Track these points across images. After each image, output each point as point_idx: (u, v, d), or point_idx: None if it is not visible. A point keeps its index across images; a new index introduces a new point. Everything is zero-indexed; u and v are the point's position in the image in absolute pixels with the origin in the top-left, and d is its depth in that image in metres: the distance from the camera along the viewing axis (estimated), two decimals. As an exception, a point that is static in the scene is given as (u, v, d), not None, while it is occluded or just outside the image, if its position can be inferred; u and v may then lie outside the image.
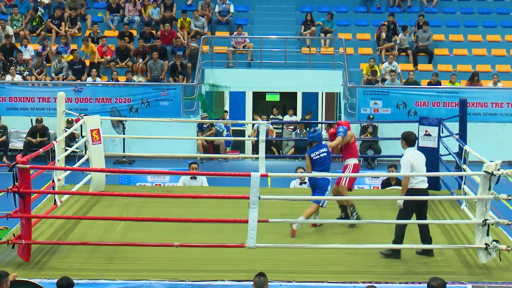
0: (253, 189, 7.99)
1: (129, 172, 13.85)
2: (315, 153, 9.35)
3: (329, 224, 9.39)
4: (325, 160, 9.34)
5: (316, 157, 9.32)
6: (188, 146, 17.63)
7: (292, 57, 20.21)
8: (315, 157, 9.32)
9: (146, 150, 17.19)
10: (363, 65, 19.68)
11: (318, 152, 9.34)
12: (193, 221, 8.88)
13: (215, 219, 8.79)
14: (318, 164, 9.32)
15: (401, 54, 20.37)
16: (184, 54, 19.75)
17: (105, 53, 19.86)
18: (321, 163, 9.32)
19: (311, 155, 9.35)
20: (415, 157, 8.53)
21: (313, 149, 9.38)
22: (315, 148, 9.38)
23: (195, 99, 18.64)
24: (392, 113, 18.19)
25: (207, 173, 10.65)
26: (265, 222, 8.28)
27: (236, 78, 19.76)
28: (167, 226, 9.10)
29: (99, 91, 18.45)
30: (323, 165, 9.33)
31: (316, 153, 9.35)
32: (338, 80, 19.58)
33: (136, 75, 19.36)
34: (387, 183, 12.69)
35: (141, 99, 18.30)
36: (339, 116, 21.10)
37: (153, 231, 9.00)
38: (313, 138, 9.45)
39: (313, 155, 9.34)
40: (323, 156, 9.33)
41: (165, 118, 16.85)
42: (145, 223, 9.07)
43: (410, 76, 19.02)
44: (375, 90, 18.45)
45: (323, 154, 9.34)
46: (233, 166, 17.05)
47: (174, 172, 9.60)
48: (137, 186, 13.41)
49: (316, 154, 9.33)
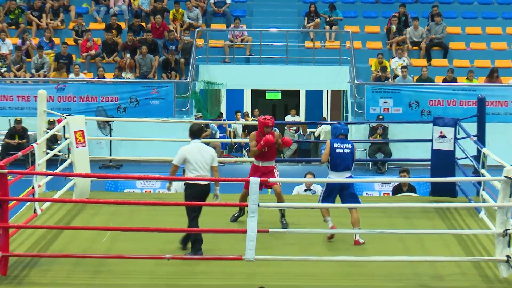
0: (252, 196, 7.97)
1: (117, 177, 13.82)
2: (339, 145, 9.21)
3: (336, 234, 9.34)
4: (347, 157, 9.19)
5: (339, 150, 9.18)
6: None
7: (294, 51, 20.20)
8: (338, 150, 9.17)
9: (135, 153, 17.16)
10: (372, 61, 19.67)
11: (342, 145, 9.20)
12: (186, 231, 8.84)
13: (210, 229, 8.77)
14: (339, 159, 9.16)
15: (414, 48, 20.37)
16: (176, 49, 19.74)
17: (90, 47, 19.84)
18: (342, 160, 9.16)
19: (333, 145, 9.19)
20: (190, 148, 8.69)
21: (337, 141, 9.25)
22: (340, 141, 9.25)
23: (188, 97, 18.63)
24: (403, 112, 18.17)
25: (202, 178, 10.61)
26: (265, 232, 8.25)
27: (233, 74, 19.75)
28: (158, 236, 9.08)
29: (84, 89, 18.42)
30: (344, 163, 9.16)
31: (340, 145, 9.21)
32: (345, 77, 19.56)
33: (124, 72, 19.34)
34: (399, 189, 12.67)
35: (130, 97, 18.28)
36: (346, 116, 21.10)
37: (142, 242, 8.98)
38: (345, 130, 9.32)
39: (336, 145, 9.20)
40: (347, 153, 9.19)
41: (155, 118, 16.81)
42: (133, 233, 9.05)
43: (423, 72, 19.01)
44: (385, 87, 18.44)
45: (347, 150, 9.19)
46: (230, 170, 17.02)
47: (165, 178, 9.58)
48: (125, 192, 13.37)
49: (340, 147, 9.20)
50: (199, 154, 8.74)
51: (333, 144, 9.22)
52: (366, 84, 18.59)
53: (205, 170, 8.74)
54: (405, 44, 20.33)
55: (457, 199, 11.05)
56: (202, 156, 8.74)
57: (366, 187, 13.93)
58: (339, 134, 9.31)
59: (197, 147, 8.79)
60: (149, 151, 16.96)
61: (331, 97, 24.30)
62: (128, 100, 18.27)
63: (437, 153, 10.99)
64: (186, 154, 8.72)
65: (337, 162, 9.18)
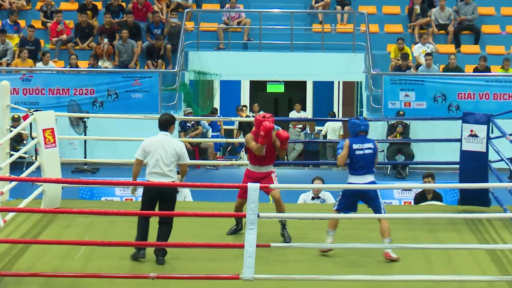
0: (250, 204, 8.00)
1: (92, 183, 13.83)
2: (358, 146, 9.21)
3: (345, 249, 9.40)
4: (368, 159, 9.21)
5: (360, 152, 9.20)
6: (167, 150, 17.68)
7: (300, 36, 20.22)
8: (358, 152, 9.19)
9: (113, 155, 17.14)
10: (391, 47, 19.70)
11: (362, 146, 9.21)
12: (173, 246, 8.87)
13: (202, 244, 8.79)
14: (358, 162, 9.17)
15: (440, 33, 20.40)
16: (162, 33, 19.77)
17: (61, 31, 19.87)
18: (363, 163, 9.18)
19: (352, 146, 9.19)
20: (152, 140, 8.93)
21: (356, 140, 9.26)
22: (360, 139, 9.27)
23: (176, 90, 18.65)
24: (428, 107, 18.20)
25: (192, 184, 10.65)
26: (266, 247, 8.28)
27: (228, 63, 19.77)
28: (140, 252, 9.10)
29: (54, 80, 18.44)
30: (365, 166, 9.19)
31: (359, 145, 9.22)
32: (359, 66, 19.59)
33: (101, 60, 19.37)
34: (422, 197, 12.71)
35: (108, 90, 18.30)
36: (361, 111, 21.13)
37: (122, 259, 9.00)
38: (366, 126, 9.32)
39: (355, 146, 9.20)
40: (368, 154, 9.21)
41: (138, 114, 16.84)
42: (112, 248, 9.07)
43: (451, 61, 19.05)
44: (406, 78, 18.46)
45: (368, 151, 9.22)
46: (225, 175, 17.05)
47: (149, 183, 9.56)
48: (103, 201, 13.41)
49: (360, 148, 9.21)
50: (162, 147, 8.93)
51: (352, 144, 9.24)
52: (384, 74, 18.62)
53: (166, 166, 8.92)
54: (429, 27, 20.37)
55: (490, 208, 11.09)
56: (164, 150, 8.92)
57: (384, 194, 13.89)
58: (359, 132, 9.33)
59: (161, 140, 8.99)
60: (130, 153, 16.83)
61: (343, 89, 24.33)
62: (105, 93, 18.29)
63: (467, 155, 11.02)
64: (146, 146, 8.96)
65: (357, 166, 9.21)
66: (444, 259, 9.17)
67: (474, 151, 10.91)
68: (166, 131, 9.09)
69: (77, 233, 9.99)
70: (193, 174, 17.57)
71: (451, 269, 8.84)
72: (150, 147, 8.96)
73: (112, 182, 12.21)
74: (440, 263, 9.09)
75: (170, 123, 9.19)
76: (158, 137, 9.04)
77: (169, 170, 8.97)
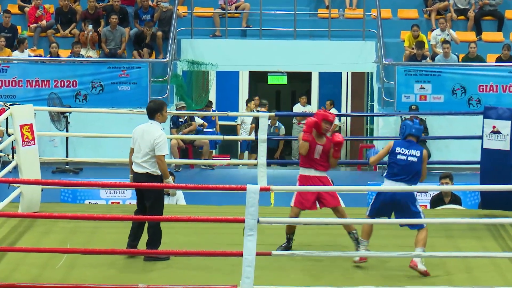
0: (249, 208, 8.01)
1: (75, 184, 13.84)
2: (403, 150, 9.22)
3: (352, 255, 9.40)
4: (411, 167, 9.19)
5: (402, 156, 9.20)
6: (158, 149, 17.70)
7: (304, 22, 20.23)
8: (401, 156, 9.19)
9: (98, 153, 17.19)
10: (405, 34, 19.71)
11: (408, 151, 9.21)
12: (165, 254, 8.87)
13: (196, 251, 8.80)
14: (399, 166, 9.19)
15: (459, 18, 20.41)
16: (152, 19, 19.78)
17: (41, 17, 19.87)
18: (401, 169, 9.20)
19: (395, 149, 9.23)
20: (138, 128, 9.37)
21: (403, 144, 9.27)
22: (407, 144, 9.27)
23: (167, 82, 18.67)
24: (445, 101, 18.21)
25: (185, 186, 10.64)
26: (267, 255, 8.28)
27: (225, 52, 19.77)
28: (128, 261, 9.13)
29: (32, 70, 18.43)
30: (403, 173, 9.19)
31: (404, 150, 9.22)
32: (370, 55, 19.61)
33: (85, 48, 19.38)
34: (439, 201, 12.72)
35: (92, 81, 18.30)
36: (371, 105, 21.15)
37: (108, 268, 9.00)
38: (417, 132, 9.30)
39: (398, 150, 9.22)
40: (411, 162, 9.20)
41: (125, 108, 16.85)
42: (97, 256, 9.07)
43: (471, 50, 19.05)
44: (421, 69, 18.47)
45: (412, 158, 9.21)
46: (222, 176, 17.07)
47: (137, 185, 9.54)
48: (86, 204, 13.40)
49: (404, 153, 9.21)
50: (142, 136, 9.28)
51: (395, 148, 9.26)
52: (397, 64, 18.62)
53: (141, 157, 9.25)
54: (447, 12, 20.37)
55: (515, 213, 11.12)
56: (143, 139, 9.25)
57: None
58: (408, 135, 9.34)
59: (143, 128, 9.36)
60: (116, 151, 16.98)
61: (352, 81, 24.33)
62: (89, 85, 18.29)
63: (488, 154, 11.03)
64: (133, 133, 9.41)
65: (394, 171, 9.25)
66: (463, 269, 9.18)
67: (496, 150, 10.92)
68: (152, 120, 9.37)
69: (58, 239, 9.97)
70: (186, 174, 17.60)
71: (471, 280, 8.83)
72: (135, 134, 9.42)
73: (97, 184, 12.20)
74: (459, 273, 9.09)
75: (155, 110, 9.40)
76: (143, 125, 9.38)
77: (143, 161, 9.25)
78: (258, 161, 11.97)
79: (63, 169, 17.32)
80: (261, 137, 12.01)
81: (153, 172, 9.26)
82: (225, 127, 21.42)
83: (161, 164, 9.25)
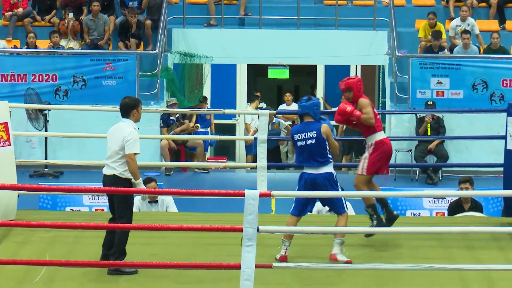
0: (248, 216, 8.04)
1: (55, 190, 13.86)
2: (299, 136, 9.52)
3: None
4: (313, 149, 9.45)
5: (301, 142, 9.49)
6: (146, 150, 17.63)
7: (309, 10, 20.27)
8: (300, 143, 9.50)
9: (80, 155, 17.22)
10: (420, 23, 19.75)
11: (304, 135, 9.49)
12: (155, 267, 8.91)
13: (189, 264, 8.84)
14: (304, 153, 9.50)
15: (480, 6, 20.45)
16: (140, 6, 19.81)
17: (16, 4, 19.90)
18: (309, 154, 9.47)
19: (293, 136, 9.60)
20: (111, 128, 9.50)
21: (298, 129, 9.62)
22: (302, 128, 9.58)
23: (157, 76, 18.69)
24: (465, 97, 18.24)
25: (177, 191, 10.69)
26: (268, 267, 8.32)
27: (221, 43, 19.81)
28: (114, 274, 9.15)
29: (7, 63, 18.46)
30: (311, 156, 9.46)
31: (301, 135, 9.52)
32: (381, 47, 19.65)
33: (66, 39, 19.41)
34: (458, 207, 12.75)
35: (73, 76, 18.34)
36: (383, 102, 21.17)
37: (91, 282, 9.03)
38: (305, 108, 9.60)
39: (296, 137, 9.55)
40: (311, 144, 9.45)
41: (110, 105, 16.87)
42: (80, 269, 9.10)
43: (493, 41, 19.09)
44: (438, 62, 18.51)
45: (310, 141, 9.46)
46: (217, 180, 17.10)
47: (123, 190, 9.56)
48: (68, 212, 13.42)
49: (301, 138, 9.50)
50: (113, 136, 9.43)
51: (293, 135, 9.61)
52: (411, 56, 18.66)
53: (110, 157, 9.36)
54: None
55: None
56: (114, 138, 9.39)
57: (412, 203, 13.99)
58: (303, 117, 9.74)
59: (115, 127, 9.51)
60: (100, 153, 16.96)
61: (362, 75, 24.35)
62: (71, 79, 18.32)
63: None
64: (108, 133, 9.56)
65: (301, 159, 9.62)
66: (485, 282, 9.20)
67: (521, 150, 10.96)
68: (126, 117, 9.45)
69: (37, 250, 10.01)
70: (178, 178, 17.63)
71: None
72: (108, 134, 9.51)
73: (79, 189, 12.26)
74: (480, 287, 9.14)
75: (132, 107, 9.49)
76: (115, 125, 9.51)
77: (113, 161, 9.34)
78: (258, 163, 11.93)
79: (42, 172, 17.35)
80: (261, 137, 12.00)
81: (120, 174, 9.31)
82: (221, 126, 21.46)
83: (131, 163, 9.25)
